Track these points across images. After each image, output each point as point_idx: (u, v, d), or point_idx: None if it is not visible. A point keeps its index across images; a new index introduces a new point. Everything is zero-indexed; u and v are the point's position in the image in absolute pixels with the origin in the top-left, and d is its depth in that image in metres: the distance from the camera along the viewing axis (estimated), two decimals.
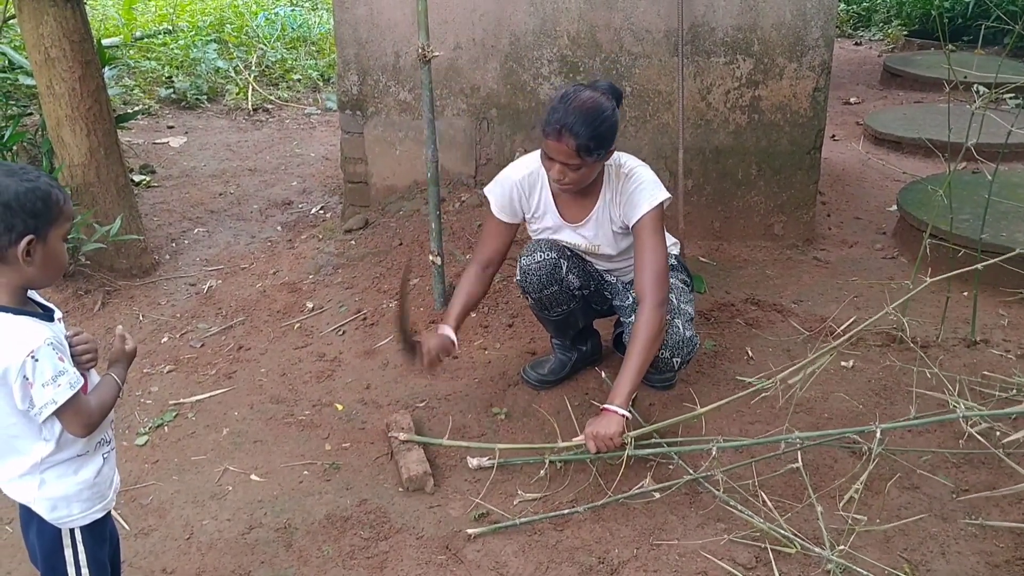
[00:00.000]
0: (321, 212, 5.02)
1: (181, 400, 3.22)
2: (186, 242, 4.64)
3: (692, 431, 2.86)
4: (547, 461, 2.68)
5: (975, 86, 3.08)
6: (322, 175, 5.70)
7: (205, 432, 3.03)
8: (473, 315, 3.67)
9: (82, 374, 1.73)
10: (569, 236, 2.93)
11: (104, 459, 1.81)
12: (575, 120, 2.50)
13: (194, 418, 3.12)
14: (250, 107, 7.19)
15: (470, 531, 2.47)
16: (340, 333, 3.62)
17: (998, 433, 2.75)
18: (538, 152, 2.86)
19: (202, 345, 3.60)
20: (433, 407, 3.11)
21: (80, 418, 1.68)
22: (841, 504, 2.44)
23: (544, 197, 2.90)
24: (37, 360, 1.60)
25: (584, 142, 2.51)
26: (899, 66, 7.83)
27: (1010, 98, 5.95)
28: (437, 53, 3.39)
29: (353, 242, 4.33)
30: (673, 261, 3.09)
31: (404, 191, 4.50)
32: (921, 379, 2.92)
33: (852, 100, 7.39)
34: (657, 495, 2.56)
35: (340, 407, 3.12)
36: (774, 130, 4.23)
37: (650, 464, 2.70)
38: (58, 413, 1.64)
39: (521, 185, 2.89)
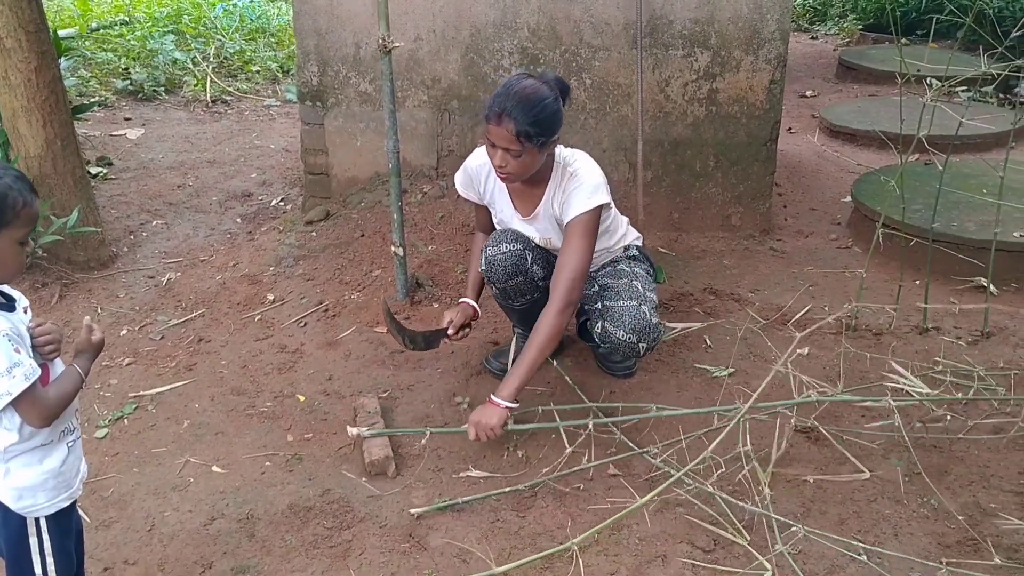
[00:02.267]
0: (281, 204, 4.99)
1: (141, 393, 3.19)
2: (144, 234, 4.59)
3: (639, 409, 2.89)
4: (427, 432, 2.75)
5: (927, 79, 3.15)
6: (282, 167, 5.66)
7: (166, 424, 3.02)
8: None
9: (46, 364, 1.72)
10: (522, 228, 2.96)
11: (69, 448, 1.80)
12: (514, 105, 2.54)
13: (154, 410, 3.10)
14: (208, 99, 7.11)
15: (412, 511, 2.52)
16: (301, 325, 3.62)
17: (949, 418, 2.84)
18: None
19: (162, 337, 3.57)
20: (396, 397, 3.12)
21: (37, 409, 1.67)
22: (795, 487, 2.49)
23: (497, 187, 2.94)
24: None
25: (524, 127, 2.54)
26: (854, 60, 7.95)
27: (962, 90, 6.08)
28: (397, 44, 3.39)
29: (314, 233, 4.31)
30: (635, 252, 3.12)
31: (365, 182, 4.50)
32: (875, 365, 2.99)
33: (808, 93, 7.49)
34: (592, 473, 2.60)
35: (302, 398, 3.12)
36: (731, 122, 4.29)
37: (611, 451, 2.74)
38: (15, 404, 1.63)
39: (476, 172, 2.96)
